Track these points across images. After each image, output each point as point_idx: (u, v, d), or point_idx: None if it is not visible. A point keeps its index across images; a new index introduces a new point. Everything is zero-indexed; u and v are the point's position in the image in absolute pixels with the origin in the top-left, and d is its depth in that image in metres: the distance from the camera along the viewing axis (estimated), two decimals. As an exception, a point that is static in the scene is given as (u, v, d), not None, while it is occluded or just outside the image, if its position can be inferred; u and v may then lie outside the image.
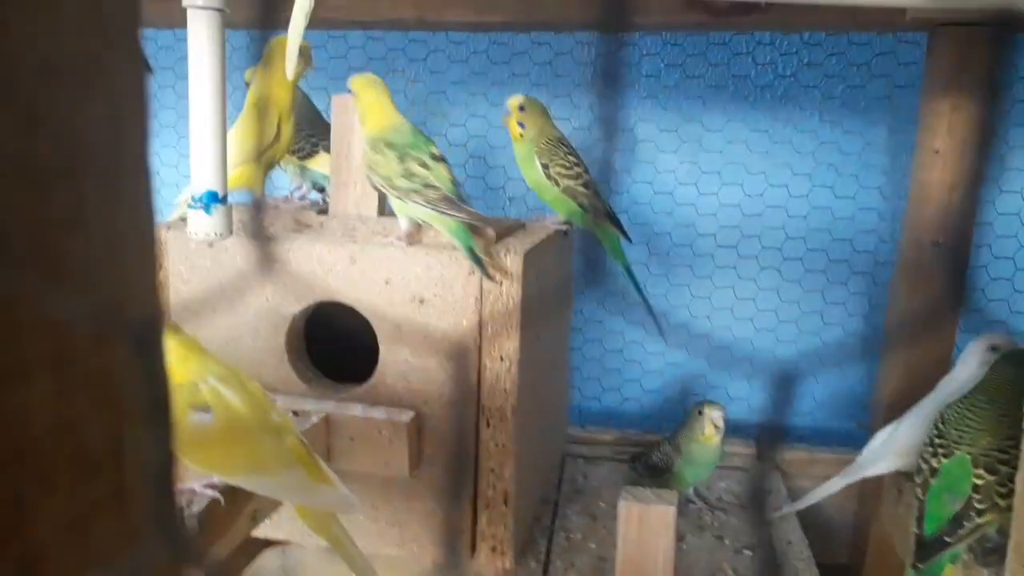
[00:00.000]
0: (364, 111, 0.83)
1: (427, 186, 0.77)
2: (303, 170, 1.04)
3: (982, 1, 0.76)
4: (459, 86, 1.22)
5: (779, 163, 1.15)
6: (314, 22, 1.13)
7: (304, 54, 0.94)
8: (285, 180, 1.09)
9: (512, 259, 0.77)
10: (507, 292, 0.78)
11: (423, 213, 0.79)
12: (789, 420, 1.20)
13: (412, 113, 1.23)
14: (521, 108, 0.93)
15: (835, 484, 0.92)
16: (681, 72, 1.15)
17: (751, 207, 1.16)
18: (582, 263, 1.21)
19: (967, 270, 1.00)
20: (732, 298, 1.19)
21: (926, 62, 1.00)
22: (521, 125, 0.93)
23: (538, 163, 0.92)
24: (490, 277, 0.76)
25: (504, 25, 1.14)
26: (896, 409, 0.96)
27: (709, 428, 0.92)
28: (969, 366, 0.85)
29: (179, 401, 0.65)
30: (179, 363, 0.65)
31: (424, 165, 0.79)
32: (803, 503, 0.94)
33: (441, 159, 0.80)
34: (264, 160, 0.89)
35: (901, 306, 1.04)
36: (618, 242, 0.98)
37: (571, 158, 0.92)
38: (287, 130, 0.90)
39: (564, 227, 0.97)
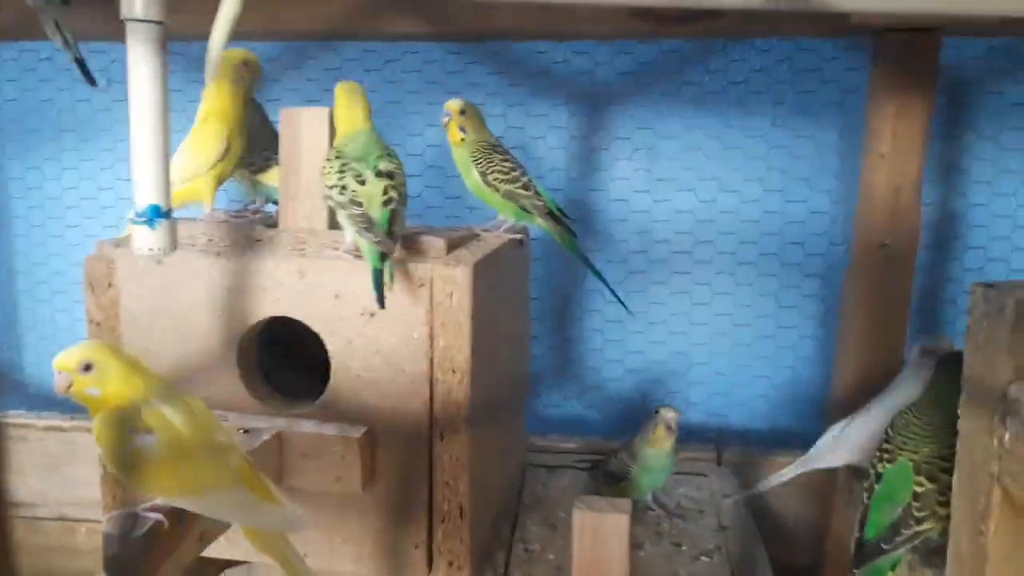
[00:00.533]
0: (336, 118, 0.84)
1: (352, 202, 0.77)
2: (256, 184, 1.03)
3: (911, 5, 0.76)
4: (415, 96, 1.22)
5: (731, 168, 1.16)
6: (268, 34, 1.13)
7: (251, 66, 0.94)
8: (240, 193, 1.08)
9: (461, 271, 0.77)
10: (457, 304, 0.78)
11: (348, 229, 0.79)
12: (746, 424, 1.21)
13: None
14: (462, 112, 0.93)
15: (787, 473, 0.94)
16: (633, 80, 1.16)
17: (705, 213, 1.17)
18: (542, 270, 1.22)
19: (914, 271, 1.02)
20: (688, 303, 1.20)
21: (872, 67, 1.02)
22: (463, 130, 0.93)
23: (475, 170, 0.93)
24: (382, 305, 0.74)
25: (458, 35, 1.15)
26: (851, 409, 0.98)
27: (661, 430, 0.93)
28: (909, 371, 0.87)
29: (121, 424, 0.64)
30: (121, 384, 0.64)
31: (361, 180, 0.78)
32: (756, 489, 0.96)
33: (386, 175, 0.79)
34: (215, 173, 0.88)
35: (852, 308, 1.06)
36: (568, 236, 0.99)
37: (507, 163, 0.93)
38: (238, 144, 0.89)
39: (519, 236, 0.97)
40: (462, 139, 0.93)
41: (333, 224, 0.88)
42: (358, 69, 1.22)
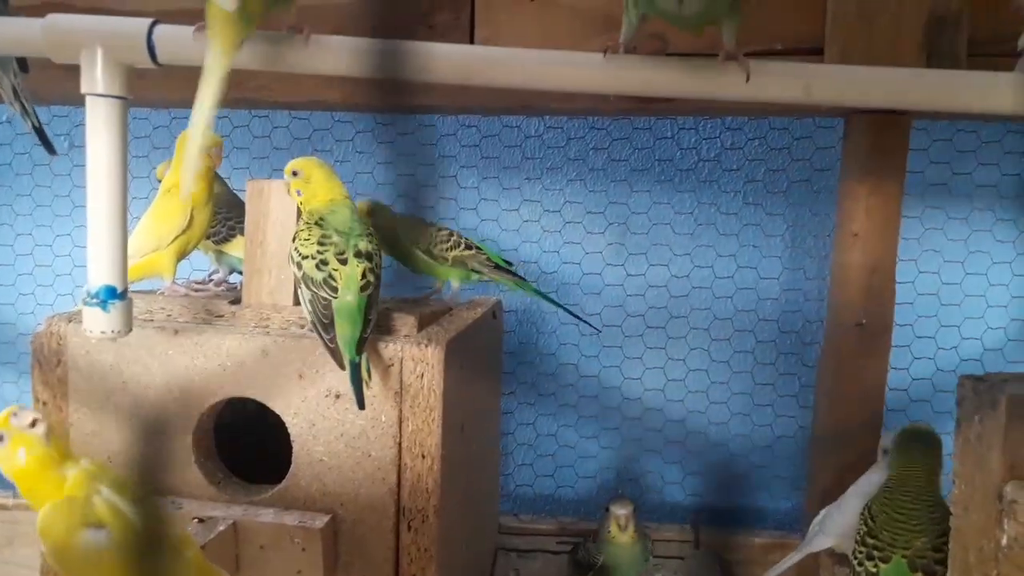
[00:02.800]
0: (312, 188, 0.80)
1: (326, 283, 0.74)
2: (220, 255, 1.00)
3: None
4: (386, 167, 1.20)
5: (704, 245, 1.15)
6: (237, 102, 1.12)
7: (217, 148, 0.91)
8: (205, 263, 1.05)
9: (432, 350, 0.74)
10: (428, 385, 0.75)
11: (305, 311, 0.76)
12: (723, 503, 1.18)
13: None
14: (369, 213, 0.93)
15: (784, 564, 0.90)
16: (607, 155, 1.16)
17: (678, 288, 1.16)
18: (513, 343, 1.19)
19: (890, 350, 1.01)
20: (663, 379, 1.18)
21: (843, 146, 1.03)
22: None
23: (418, 252, 0.93)
24: (361, 406, 0.72)
25: (431, 108, 1.14)
26: (829, 488, 0.95)
27: (613, 527, 0.90)
28: (883, 457, 0.86)
29: (71, 518, 0.60)
30: (70, 475, 0.61)
31: (343, 259, 0.76)
32: None
33: (365, 256, 0.76)
34: (176, 247, 0.85)
35: (828, 386, 1.04)
36: (520, 282, 1.00)
37: (443, 232, 0.95)
38: (201, 219, 0.86)
39: (492, 309, 0.96)
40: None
41: (298, 301, 0.85)
42: (328, 139, 1.20)
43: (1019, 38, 0.74)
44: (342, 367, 0.72)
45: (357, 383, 0.71)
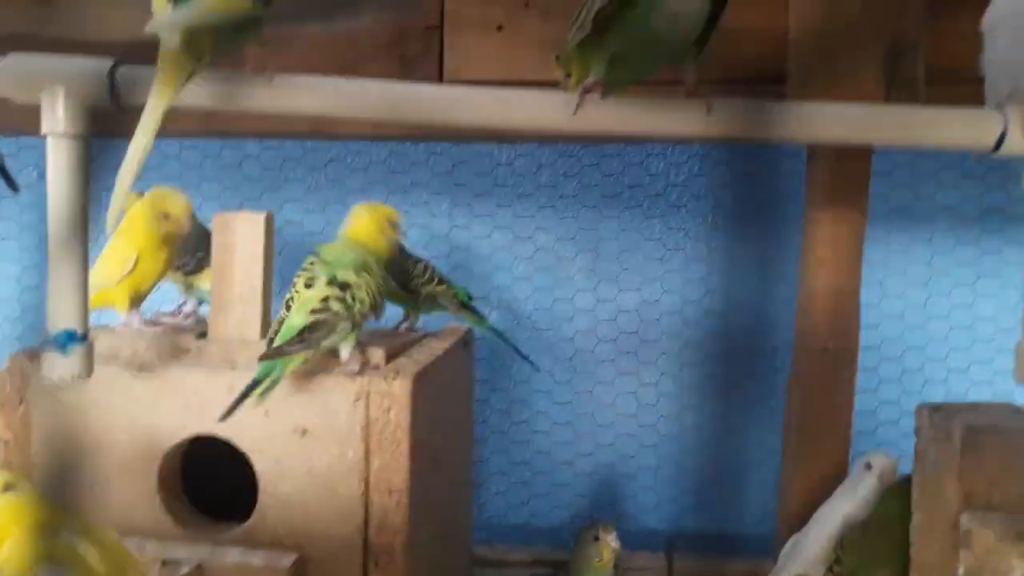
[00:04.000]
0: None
1: (286, 304, 0.75)
2: (189, 287, 0.99)
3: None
4: (359, 195, 1.20)
5: (673, 270, 1.16)
6: (209, 132, 1.11)
7: (174, 212, 0.86)
8: (173, 293, 1.04)
9: (399, 384, 0.74)
10: (395, 419, 0.74)
11: None
12: (698, 529, 1.18)
13: (308, 222, 1.20)
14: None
15: None
16: (577, 182, 1.17)
17: (649, 313, 1.17)
18: (487, 370, 1.19)
19: (856, 374, 1.02)
20: (635, 405, 1.18)
21: (807, 173, 1.04)
22: None
23: (393, 283, 0.93)
24: (223, 417, 0.71)
25: (402, 135, 1.14)
26: (800, 514, 0.96)
27: (607, 552, 0.90)
28: (851, 484, 0.87)
29: (30, 556, 0.59)
30: (28, 518, 0.60)
31: (309, 285, 0.76)
32: None
33: (339, 285, 0.75)
34: (124, 287, 0.84)
35: (796, 411, 1.05)
36: (479, 319, 1.02)
37: (419, 265, 0.97)
38: (150, 266, 0.85)
39: (464, 338, 0.97)
40: None
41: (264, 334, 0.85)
42: (299, 168, 1.20)
43: (976, 65, 0.76)
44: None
45: (242, 395, 0.71)
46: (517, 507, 1.21)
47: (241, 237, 0.83)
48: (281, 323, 0.75)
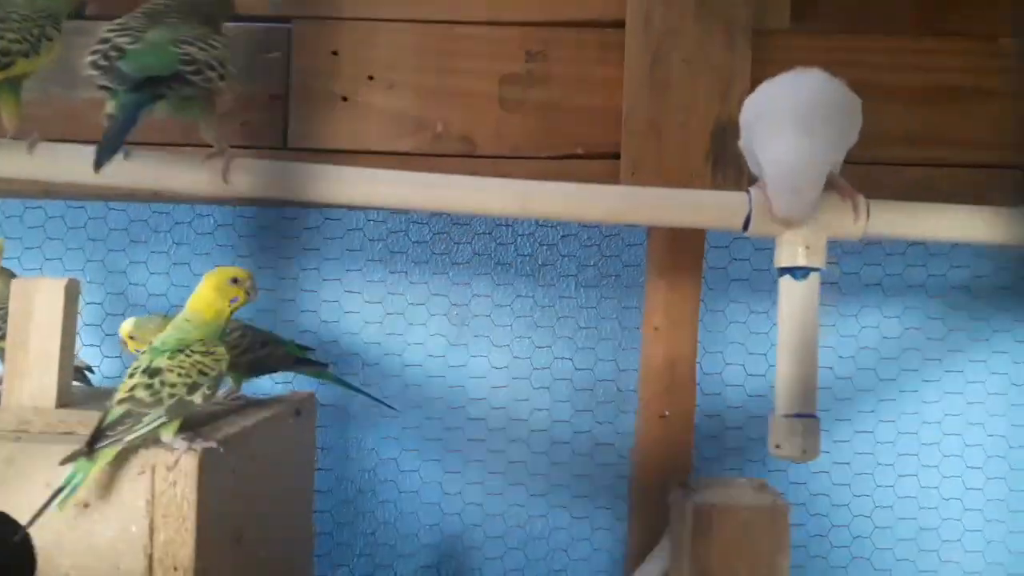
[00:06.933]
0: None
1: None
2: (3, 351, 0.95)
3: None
4: (205, 258, 1.18)
5: (521, 336, 1.17)
6: (46, 193, 1.08)
7: None
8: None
9: (187, 458, 0.72)
10: (181, 493, 0.72)
11: None
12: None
13: (153, 283, 1.18)
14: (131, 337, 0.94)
15: None
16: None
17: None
18: (331, 438, 1.17)
19: (692, 442, 1.04)
20: (484, 473, 1.17)
21: (647, 243, 1.07)
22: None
23: None
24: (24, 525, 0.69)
25: (251, 200, 1.13)
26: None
27: None
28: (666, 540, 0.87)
29: None
30: None
31: (131, 375, 0.74)
32: None
33: (149, 373, 0.73)
34: None
35: (638, 475, 1.06)
36: (320, 371, 1.03)
37: (235, 334, 0.93)
38: None
39: (296, 406, 0.95)
40: None
41: (64, 402, 0.82)
42: (145, 231, 1.18)
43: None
44: None
45: (45, 504, 0.68)
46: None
47: (38, 304, 0.80)
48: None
